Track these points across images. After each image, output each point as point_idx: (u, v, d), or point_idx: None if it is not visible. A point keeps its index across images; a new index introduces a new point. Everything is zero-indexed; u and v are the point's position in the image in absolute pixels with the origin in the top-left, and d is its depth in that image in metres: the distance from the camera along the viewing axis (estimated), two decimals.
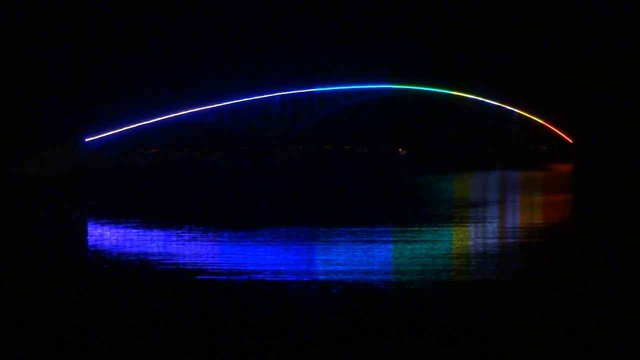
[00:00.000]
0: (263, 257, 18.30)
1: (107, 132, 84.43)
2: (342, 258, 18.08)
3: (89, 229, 27.07)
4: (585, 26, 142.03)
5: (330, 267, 16.84)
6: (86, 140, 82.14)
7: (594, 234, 23.39)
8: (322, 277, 15.68)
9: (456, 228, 24.82)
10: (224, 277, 15.55)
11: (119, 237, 23.25)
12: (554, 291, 14.27)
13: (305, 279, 15.34)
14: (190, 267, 17.06)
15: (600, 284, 14.87)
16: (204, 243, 21.39)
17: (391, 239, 22.04)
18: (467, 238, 22.35)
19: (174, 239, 22.56)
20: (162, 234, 23.87)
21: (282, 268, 16.76)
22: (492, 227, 25.32)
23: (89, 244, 22.54)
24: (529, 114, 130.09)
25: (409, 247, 19.92)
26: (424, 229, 24.10)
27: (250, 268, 16.64)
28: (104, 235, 24.33)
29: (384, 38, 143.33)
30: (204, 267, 16.96)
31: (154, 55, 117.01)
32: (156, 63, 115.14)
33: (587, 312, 12.60)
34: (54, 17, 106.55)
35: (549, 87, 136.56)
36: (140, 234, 23.87)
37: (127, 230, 24.71)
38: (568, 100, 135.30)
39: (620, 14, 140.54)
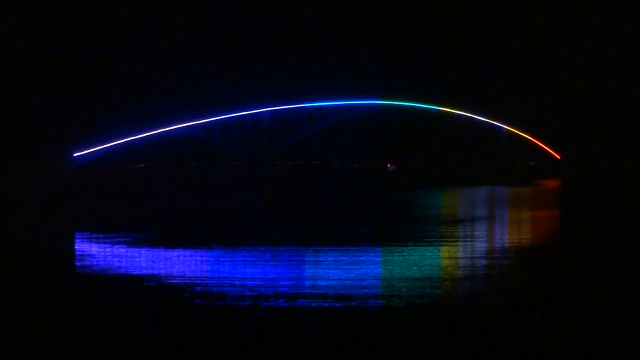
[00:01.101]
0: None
1: (95, 147, 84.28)
2: (330, 274, 18.16)
3: (75, 243, 27.06)
4: (573, 44, 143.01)
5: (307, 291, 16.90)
6: (75, 154, 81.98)
7: (580, 250, 23.51)
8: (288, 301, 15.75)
9: (443, 246, 24.92)
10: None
11: (105, 252, 23.25)
12: (542, 310, 14.36)
13: (267, 304, 15.42)
14: (183, 285, 17.13)
15: (591, 301, 14.98)
16: (189, 260, 21.46)
17: (378, 259, 22.07)
18: (454, 257, 22.39)
19: (159, 255, 22.62)
20: (147, 249, 23.89)
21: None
22: (480, 245, 25.45)
23: (75, 258, 22.54)
24: (517, 130, 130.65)
25: (397, 267, 19.99)
26: (410, 247, 24.19)
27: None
28: (90, 250, 24.32)
29: (373, 54, 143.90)
30: (192, 284, 17.02)
31: (144, 70, 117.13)
32: (146, 78, 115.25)
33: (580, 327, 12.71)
34: (44, 33, 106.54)
35: (537, 103, 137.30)
36: (126, 249, 23.89)
37: (113, 245, 24.74)
38: (556, 116, 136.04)
39: (608, 32, 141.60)
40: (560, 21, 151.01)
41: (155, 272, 19.09)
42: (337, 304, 14.42)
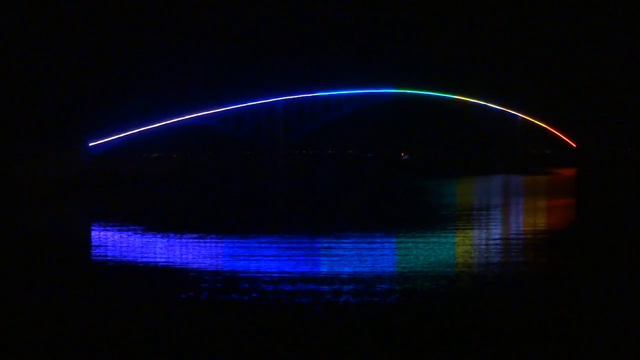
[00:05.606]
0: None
1: (110, 137, 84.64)
2: (345, 264, 18.17)
3: (92, 233, 27.16)
4: (588, 31, 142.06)
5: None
6: (90, 144, 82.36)
7: (597, 239, 23.37)
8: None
9: (459, 234, 24.86)
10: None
11: (120, 242, 23.32)
12: (556, 295, 14.31)
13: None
14: (194, 273, 17.17)
15: (603, 288, 14.89)
16: (203, 247, 21.51)
17: (392, 248, 22.08)
18: (470, 245, 22.34)
19: (171, 243, 22.65)
20: (162, 238, 23.93)
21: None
22: (495, 233, 25.37)
23: (92, 248, 22.63)
24: (532, 118, 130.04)
25: (413, 253, 19.98)
26: (425, 236, 24.14)
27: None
28: (106, 239, 24.40)
29: (387, 42, 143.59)
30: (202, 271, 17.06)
31: (158, 59, 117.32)
32: (160, 68, 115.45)
33: (587, 316, 12.64)
34: (57, 23, 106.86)
35: (553, 91, 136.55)
36: (141, 238, 23.95)
37: (129, 235, 24.81)
38: (571, 104, 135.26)
39: (623, 19, 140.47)
40: (576, 9, 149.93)
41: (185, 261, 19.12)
42: None
